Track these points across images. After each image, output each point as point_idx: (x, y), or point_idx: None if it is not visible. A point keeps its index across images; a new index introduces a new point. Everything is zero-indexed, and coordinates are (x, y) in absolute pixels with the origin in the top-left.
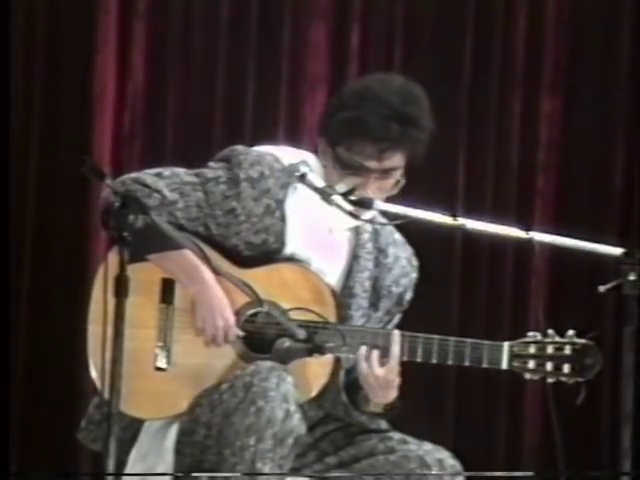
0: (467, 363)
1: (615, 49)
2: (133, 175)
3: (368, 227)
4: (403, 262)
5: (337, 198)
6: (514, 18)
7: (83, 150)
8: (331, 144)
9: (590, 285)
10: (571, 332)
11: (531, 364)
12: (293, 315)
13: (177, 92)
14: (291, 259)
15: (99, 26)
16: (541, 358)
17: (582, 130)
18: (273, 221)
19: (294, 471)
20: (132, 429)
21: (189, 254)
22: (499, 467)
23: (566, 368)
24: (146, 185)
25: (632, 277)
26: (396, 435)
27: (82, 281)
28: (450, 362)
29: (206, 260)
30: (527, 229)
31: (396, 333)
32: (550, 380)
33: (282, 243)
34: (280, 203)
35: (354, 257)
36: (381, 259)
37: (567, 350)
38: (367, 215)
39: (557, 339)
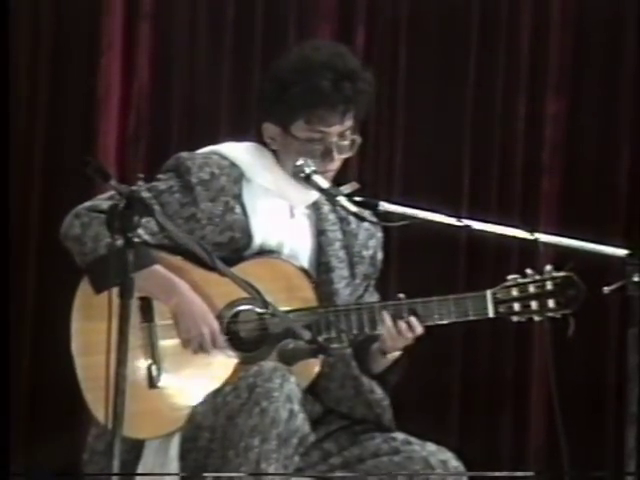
0: (454, 319)
1: (620, 50)
2: (87, 204)
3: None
4: (366, 225)
5: (342, 199)
6: (519, 19)
7: (88, 151)
8: (283, 125)
9: (594, 286)
10: (549, 267)
11: (516, 306)
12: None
13: (182, 93)
14: (261, 252)
15: (104, 27)
16: (525, 299)
17: (587, 131)
18: (235, 217)
19: (298, 471)
20: (136, 449)
21: (160, 269)
22: (503, 468)
23: (551, 303)
24: (102, 211)
25: (636, 278)
26: (400, 436)
27: None
28: (437, 320)
29: (211, 262)
30: (532, 230)
31: (384, 314)
32: (537, 318)
33: (249, 237)
34: (237, 198)
35: (320, 232)
36: (345, 227)
37: (549, 286)
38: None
39: (537, 277)
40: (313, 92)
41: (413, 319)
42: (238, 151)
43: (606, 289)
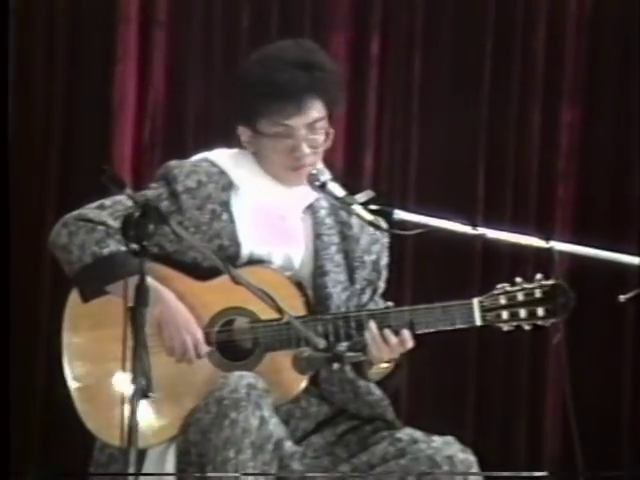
0: (441, 327)
1: (635, 58)
2: (75, 213)
3: (324, 203)
4: (370, 229)
5: (357, 207)
6: (534, 27)
7: (103, 159)
8: (251, 124)
9: (610, 294)
10: (539, 275)
11: (505, 315)
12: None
13: (197, 101)
14: (250, 261)
15: (120, 35)
16: (513, 307)
17: (602, 139)
18: (223, 224)
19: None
20: (137, 462)
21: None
22: (519, 469)
23: (540, 311)
24: (88, 220)
25: None
26: (405, 435)
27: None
28: (425, 329)
29: (225, 269)
30: (547, 238)
31: (370, 322)
32: (527, 327)
33: (237, 244)
34: (225, 205)
35: (316, 236)
36: (346, 231)
37: (537, 294)
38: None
39: (526, 285)
40: (267, 85)
41: (405, 332)
42: (226, 158)
43: (622, 297)
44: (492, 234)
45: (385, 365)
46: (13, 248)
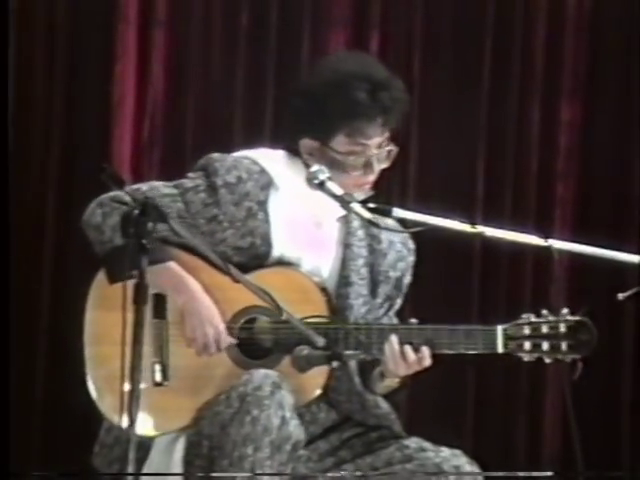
0: (462, 350)
1: (635, 56)
2: (111, 194)
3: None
4: (398, 246)
5: (356, 206)
6: (533, 25)
7: (102, 157)
8: (322, 139)
9: (609, 293)
10: (565, 310)
11: (527, 345)
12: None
13: (196, 100)
14: (280, 262)
15: (119, 34)
16: (536, 338)
17: (602, 137)
18: (257, 223)
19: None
20: (143, 448)
21: (174, 265)
22: (518, 470)
23: (563, 346)
24: (124, 202)
25: None
26: (413, 443)
27: None
28: (446, 349)
29: (225, 268)
30: (546, 237)
31: (392, 336)
32: (547, 360)
33: (269, 245)
34: (262, 205)
35: (346, 246)
36: (375, 245)
37: (562, 328)
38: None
39: (551, 318)
40: (351, 105)
41: (425, 349)
42: (270, 158)
43: (621, 295)
44: (491, 232)
45: (396, 381)
46: (13, 248)
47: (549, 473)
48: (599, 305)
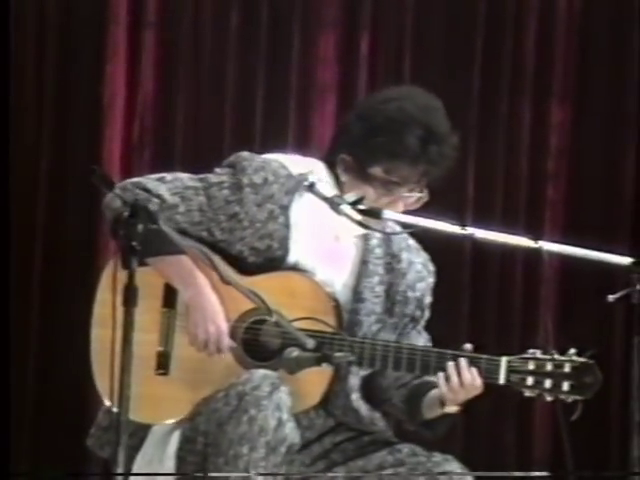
0: None
1: (625, 57)
2: (135, 180)
3: (378, 234)
4: (418, 267)
5: (346, 207)
6: (524, 27)
7: (92, 158)
8: (363, 164)
9: (599, 294)
10: (572, 350)
11: (529, 380)
12: (299, 324)
13: (186, 101)
14: (295, 268)
15: (109, 36)
16: (540, 375)
17: (592, 139)
18: (277, 227)
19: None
20: (139, 436)
21: (186, 259)
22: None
23: (565, 386)
24: (146, 189)
25: None
26: (405, 447)
27: (92, 290)
28: None
29: (214, 268)
30: (536, 238)
31: (449, 364)
32: (548, 398)
33: (286, 249)
34: (284, 209)
35: (362, 262)
36: (394, 264)
37: (566, 368)
38: (377, 224)
39: (557, 357)
40: (399, 146)
41: (474, 370)
42: (300, 164)
43: (611, 297)
44: (481, 234)
45: (454, 409)
46: (13, 247)
47: (546, 473)
48: (588, 307)
